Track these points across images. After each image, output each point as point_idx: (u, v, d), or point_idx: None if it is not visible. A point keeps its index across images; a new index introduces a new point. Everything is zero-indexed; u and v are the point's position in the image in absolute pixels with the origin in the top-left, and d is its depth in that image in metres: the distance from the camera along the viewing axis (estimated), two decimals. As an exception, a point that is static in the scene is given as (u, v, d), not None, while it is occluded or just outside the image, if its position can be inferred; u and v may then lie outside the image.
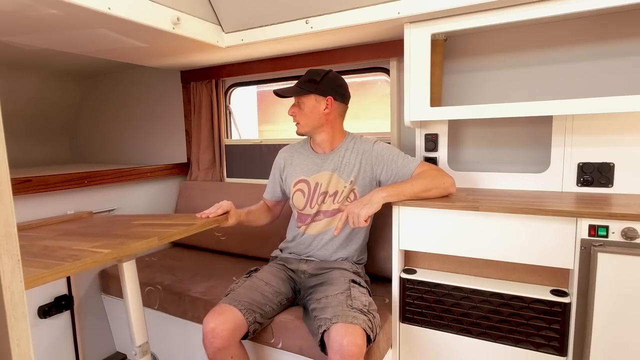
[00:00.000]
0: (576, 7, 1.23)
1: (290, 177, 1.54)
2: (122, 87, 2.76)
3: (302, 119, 1.45)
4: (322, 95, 1.43)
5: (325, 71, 1.45)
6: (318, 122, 1.45)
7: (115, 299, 1.84)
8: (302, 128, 1.47)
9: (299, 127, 1.47)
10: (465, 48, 1.63)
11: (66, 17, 1.33)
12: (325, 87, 1.43)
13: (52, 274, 0.83)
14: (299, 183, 1.51)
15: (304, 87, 1.42)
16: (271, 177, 1.65)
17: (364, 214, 1.24)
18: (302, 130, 1.47)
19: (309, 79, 1.44)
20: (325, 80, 1.43)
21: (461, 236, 1.29)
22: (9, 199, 0.39)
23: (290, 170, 1.55)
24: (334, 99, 1.43)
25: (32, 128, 2.75)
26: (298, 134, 1.49)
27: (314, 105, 1.43)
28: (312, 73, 1.45)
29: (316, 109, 1.43)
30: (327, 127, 1.47)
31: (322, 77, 1.43)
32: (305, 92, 1.42)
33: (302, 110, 1.44)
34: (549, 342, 1.22)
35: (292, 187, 1.52)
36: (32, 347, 0.42)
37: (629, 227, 1.07)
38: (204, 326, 1.22)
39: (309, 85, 1.42)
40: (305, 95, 1.43)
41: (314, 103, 1.43)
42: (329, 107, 1.44)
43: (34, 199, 1.65)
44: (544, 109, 1.32)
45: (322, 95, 1.43)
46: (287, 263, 1.51)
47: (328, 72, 1.45)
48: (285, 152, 1.61)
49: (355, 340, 1.07)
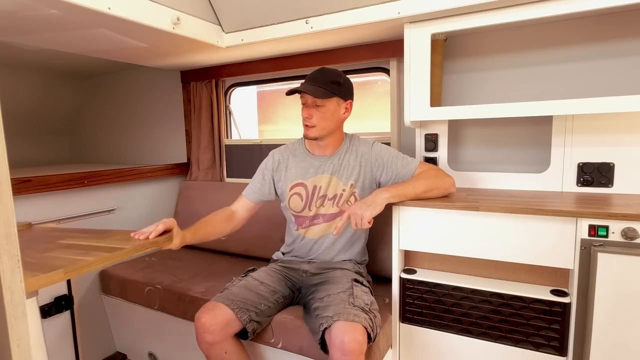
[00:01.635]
0: (576, 7, 1.23)
1: (286, 181, 1.48)
2: (122, 87, 2.76)
3: (320, 122, 1.35)
4: (344, 98, 1.37)
5: (341, 71, 1.39)
6: (335, 126, 1.39)
7: (115, 299, 1.84)
8: (317, 132, 1.36)
9: (313, 130, 1.36)
10: (465, 48, 1.63)
11: (66, 17, 1.33)
12: (346, 89, 1.37)
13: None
14: (296, 187, 1.46)
15: (328, 88, 1.33)
16: (258, 177, 1.52)
17: (368, 216, 1.23)
18: (315, 134, 1.36)
19: (331, 80, 1.34)
20: (346, 82, 1.38)
21: (461, 236, 1.29)
22: (9, 199, 0.39)
23: (286, 174, 1.48)
24: (352, 103, 1.40)
25: (32, 128, 2.75)
26: (310, 137, 1.38)
27: (336, 109, 1.36)
28: (332, 73, 1.36)
29: (337, 112, 1.37)
30: (337, 131, 1.42)
31: (343, 78, 1.37)
32: (331, 94, 1.33)
33: (321, 113, 1.34)
34: (549, 342, 1.22)
35: (288, 191, 1.47)
36: (32, 347, 0.42)
37: (629, 227, 1.07)
38: (195, 322, 1.23)
39: (332, 87, 1.33)
40: (329, 97, 1.33)
41: (336, 106, 1.36)
42: (348, 112, 1.40)
43: (34, 199, 1.65)
44: (544, 109, 1.32)
45: (343, 98, 1.37)
46: (288, 264, 1.50)
47: (343, 73, 1.39)
48: (279, 154, 1.52)
49: (356, 337, 1.07)
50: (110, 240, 1.08)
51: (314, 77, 1.35)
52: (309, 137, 1.39)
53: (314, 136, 1.38)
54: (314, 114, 1.35)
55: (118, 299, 1.82)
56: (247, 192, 1.53)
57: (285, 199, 1.49)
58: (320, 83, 1.33)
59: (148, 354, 1.83)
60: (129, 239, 1.10)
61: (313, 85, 1.33)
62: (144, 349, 1.84)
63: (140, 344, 1.86)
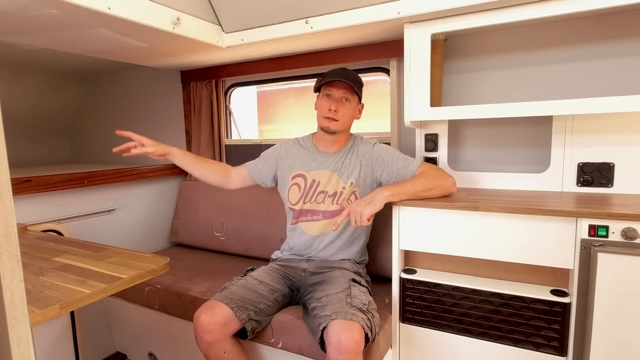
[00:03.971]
0: (576, 7, 1.23)
1: (289, 170, 1.52)
2: (122, 87, 2.76)
3: (344, 118, 1.41)
4: (360, 100, 1.45)
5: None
6: (351, 124, 1.47)
7: (115, 299, 1.84)
8: (339, 126, 1.41)
9: (336, 124, 1.40)
10: (465, 48, 1.63)
11: (66, 17, 1.33)
12: (362, 92, 1.44)
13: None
14: (297, 177, 1.50)
15: (356, 87, 1.39)
16: (263, 158, 1.61)
17: (367, 213, 1.24)
18: (337, 128, 1.41)
19: (358, 80, 1.41)
20: (362, 85, 1.45)
21: (461, 236, 1.29)
22: (9, 199, 0.39)
23: (290, 163, 1.53)
24: (363, 106, 1.49)
25: (32, 128, 2.75)
26: (330, 131, 1.42)
27: (354, 107, 1.44)
28: (354, 74, 1.42)
29: (355, 111, 1.45)
30: (349, 130, 1.50)
31: (361, 81, 1.44)
32: (357, 94, 1.41)
33: (347, 108, 1.41)
34: (549, 342, 1.22)
35: (290, 180, 1.51)
36: (32, 346, 0.42)
37: (629, 227, 1.07)
38: (194, 321, 1.23)
39: (359, 87, 1.40)
40: (354, 95, 1.40)
41: (355, 105, 1.44)
42: (360, 114, 1.48)
43: (34, 199, 1.65)
44: (544, 109, 1.32)
45: (360, 100, 1.45)
46: (287, 263, 1.51)
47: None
48: (288, 144, 1.59)
49: (353, 336, 1.07)
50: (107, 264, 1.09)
51: (343, 73, 1.39)
52: (330, 130, 1.42)
53: (335, 129, 1.41)
54: (340, 109, 1.40)
55: (118, 299, 1.82)
56: (249, 165, 1.63)
57: (286, 189, 1.52)
58: (350, 80, 1.38)
59: (148, 354, 1.83)
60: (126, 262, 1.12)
61: (347, 80, 1.37)
62: (144, 349, 1.84)
63: (140, 344, 1.86)
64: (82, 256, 1.15)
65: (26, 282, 0.96)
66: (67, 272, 1.04)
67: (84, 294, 0.91)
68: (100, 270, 1.04)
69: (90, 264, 1.08)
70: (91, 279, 0.98)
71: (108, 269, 1.05)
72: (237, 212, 2.07)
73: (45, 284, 0.96)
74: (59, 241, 1.32)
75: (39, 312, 0.82)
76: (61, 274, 1.03)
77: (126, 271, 1.05)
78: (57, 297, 0.88)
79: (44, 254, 1.17)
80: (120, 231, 2.06)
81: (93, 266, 1.07)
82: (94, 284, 0.95)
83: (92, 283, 0.96)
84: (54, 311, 0.84)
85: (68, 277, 1.00)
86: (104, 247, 1.22)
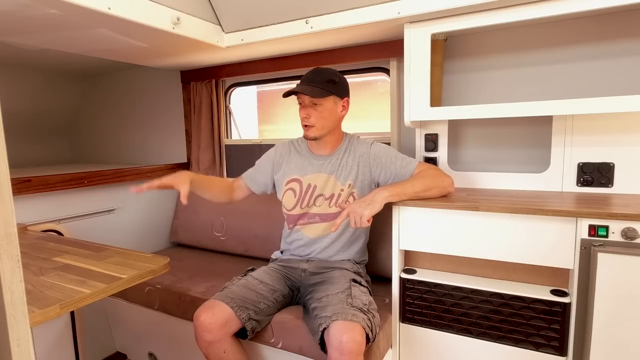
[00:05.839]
0: (576, 7, 1.23)
1: (284, 175, 1.51)
2: (122, 87, 2.76)
3: (319, 122, 1.37)
4: (340, 96, 1.39)
5: (336, 70, 1.41)
6: (334, 124, 1.41)
7: (115, 299, 1.84)
8: (317, 131, 1.38)
9: (312, 130, 1.38)
10: (465, 48, 1.63)
11: (66, 17, 1.33)
12: (342, 87, 1.39)
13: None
14: (291, 182, 1.49)
15: (324, 87, 1.34)
16: (259, 166, 1.59)
17: (367, 214, 1.23)
18: (315, 134, 1.38)
19: (327, 79, 1.36)
20: (341, 80, 1.40)
21: (461, 236, 1.29)
22: (9, 199, 0.39)
23: (285, 168, 1.52)
24: (348, 100, 1.43)
25: (32, 128, 2.75)
26: (310, 138, 1.40)
27: (333, 107, 1.38)
28: (326, 72, 1.38)
29: (335, 110, 1.39)
30: (336, 129, 1.45)
31: (338, 76, 1.39)
32: (327, 93, 1.35)
33: (319, 112, 1.36)
34: (549, 342, 1.22)
35: (284, 186, 1.50)
36: (32, 346, 0.42)
37: (629, 227, 1.07)
38: (194, 320, 1.23)
39: (328, 86, 1.35)
40: (326, 96, 1.35)
41: (333, 105, 1.38)
42: (345, 109, 1.42)
43: (34, 199, 1.65)
44: (544, 109, 1.32)
45: (339, 96, 1.39)
46: (287, 263, 1.51)
47: (338, 71, 1.41)
48: (282, 148, 1.56)
49: (354, 337, 1.07)
50: (107, 264, 1.09)
51: (309, 78, 1.37)
52: (309, 138, 1.40)
53: (313, 136, 1.39)
54: (311, 114, 1.36)
55: (118, 299, 1.82)
56: (246, 176, 1.61)
57: (281, 193, 1.51)
58: (316, 83, 1.35)
59: (148, 354, 1.83)
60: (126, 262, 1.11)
61: (309, 86, 1.35)
62: (144, 349, 1.84)
63: (140, 344, 1.86)
64: (82, 256, 1.15)
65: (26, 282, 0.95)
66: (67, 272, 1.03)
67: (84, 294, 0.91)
68: (100, 270, 1.04)
69: (90, 264, 1.08)
70: (91, 279, 0.97)
71: (108, 269, 1.05)
72: (237, 212, 2.07)
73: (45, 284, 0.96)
74: (59, 241, 1.32)
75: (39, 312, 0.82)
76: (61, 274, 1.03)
77: (126, 271, 1.05)
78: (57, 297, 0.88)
79: (44, 254, 1.17)
80: (120, 231, 2.06)
81: (93, 266, 1.06)
82: (94, 284, 0.95)
83: (92, 283, 0.95)
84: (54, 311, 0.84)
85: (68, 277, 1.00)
86: (104, 247, 1.22)
